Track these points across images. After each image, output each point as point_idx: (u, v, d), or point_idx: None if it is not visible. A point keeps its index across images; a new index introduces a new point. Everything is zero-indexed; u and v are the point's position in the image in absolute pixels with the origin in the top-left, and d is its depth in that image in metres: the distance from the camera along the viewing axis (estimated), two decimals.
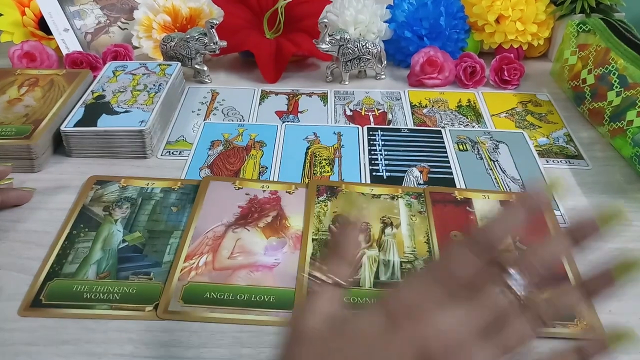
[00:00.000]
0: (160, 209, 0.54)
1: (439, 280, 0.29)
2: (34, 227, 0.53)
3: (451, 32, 0.82)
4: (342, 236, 0.33)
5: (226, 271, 0.48)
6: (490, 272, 0.29)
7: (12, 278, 0.47)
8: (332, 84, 0.80)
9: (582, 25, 0.73)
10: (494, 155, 0.64)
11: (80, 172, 0.60)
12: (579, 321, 0.44)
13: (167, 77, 0.71)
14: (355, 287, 0.46)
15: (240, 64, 0.85)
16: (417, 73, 0.78)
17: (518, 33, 0.81)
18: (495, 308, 0.28)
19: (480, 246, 0.29)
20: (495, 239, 0.29)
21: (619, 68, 0.64)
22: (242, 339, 0.42)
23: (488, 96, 0.77)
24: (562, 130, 0.70)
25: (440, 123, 0.70)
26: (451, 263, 0.30)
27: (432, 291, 0.29)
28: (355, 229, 0.34)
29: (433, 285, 0.29)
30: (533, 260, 0.29)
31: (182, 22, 0.82)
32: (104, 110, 0.64)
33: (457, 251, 0.30)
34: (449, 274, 0.29)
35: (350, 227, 0.34)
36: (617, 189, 0.59)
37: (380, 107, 0.74)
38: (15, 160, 0.58)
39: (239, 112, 0.72)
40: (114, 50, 0.78)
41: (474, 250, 0.29)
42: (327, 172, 0.61)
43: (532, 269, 0.29)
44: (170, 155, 0.64)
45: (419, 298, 0.29)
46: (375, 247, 0.50)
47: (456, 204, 0.55)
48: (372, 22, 0.81)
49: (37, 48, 0.78)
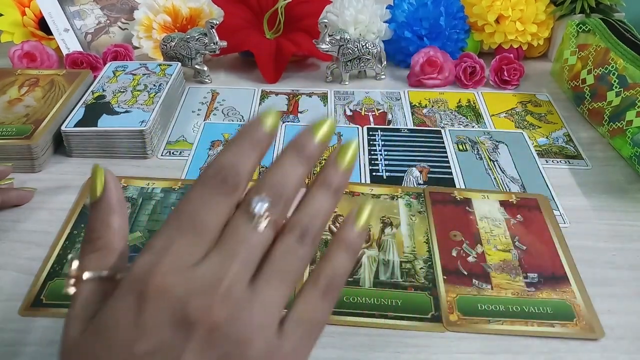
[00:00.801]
0: (160, 209, 0.55)
1: (185, 231, 0.25)
2: (34, 227, 0.53)
3: (451, 32, 0.82)
4: (92, 219, 0.28)
5: None
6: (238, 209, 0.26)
7: (12, 278, 0.47)
8: (332, 84, 0.80)
9: (582, 25, 0.73)
10: (493, 156, 0.64)
11: (81, 172, 0.60)
12: (577, 321, 0.44)
13: (167, 77, 0.71)
14: (355, 287, 0.46)
15: (240, 64, 0.85)
16: (417, 73, 0.78)
17: (518, 33, 0.81)
18: (250, 245, 0.25)
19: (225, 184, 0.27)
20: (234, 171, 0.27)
21: (618, 68, 0.64)
22: None
23: (488, 96, 0.77)
24: (561, 130, 0.70)
25: (440, 123, 0.71)
26: (198, 209, 0.26)
27: (177, 249, 0.25)
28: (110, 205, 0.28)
29: (178, 240, 0.25)
30: (269, 182, 0.28)
31: (182, 22, 0.83)
32: (105, 110, 0.64)
33: (201, 194, 0.26)
34: (197, 222, 0.26)
35: (102, 205, 0.28)
36: (617, 189, 0.59)
37: (380, 107, 0.74)
38: (15, 161, 0.58)
39: (239, 112, 0.72)
40: (114, 51, 0.78)
41: (218, 190, 0.26)
42: None
43: (271, 190, 0.27)
44: (171, 155, 0.64)
45: (164, 260, 0.24)
46: (375, 247, 0.50)
47: (456, 204, 0.56)
48: (372, 22, 0.81)
49: (37, 48, 0.78)
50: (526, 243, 0.51)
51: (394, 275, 0.48)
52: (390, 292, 0.46)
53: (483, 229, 0.53)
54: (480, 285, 0.47)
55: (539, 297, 0.46)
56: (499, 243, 0.51)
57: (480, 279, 0.47)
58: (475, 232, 0.52)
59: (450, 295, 0.46)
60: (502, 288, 0.47)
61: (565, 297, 0.46)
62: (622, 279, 0.48)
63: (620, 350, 0.42)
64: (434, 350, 0.42)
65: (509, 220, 0.54)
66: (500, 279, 0.47)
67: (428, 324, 0.44)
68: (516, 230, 0.52)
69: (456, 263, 0.49)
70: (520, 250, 0.50)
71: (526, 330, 0.43)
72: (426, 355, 0.41)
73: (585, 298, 0.46)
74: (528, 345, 0.42)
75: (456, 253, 0.50)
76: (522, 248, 0.51)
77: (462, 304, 0.45)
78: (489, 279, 0.47)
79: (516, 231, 0.52)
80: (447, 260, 0.49)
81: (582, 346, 0.42)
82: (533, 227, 0.53)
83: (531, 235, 0.52)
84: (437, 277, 0.47)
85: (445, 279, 0.47)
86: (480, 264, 0.49)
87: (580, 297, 0.46)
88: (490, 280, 0.47)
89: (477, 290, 0.46)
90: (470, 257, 0.49)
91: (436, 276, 0.48)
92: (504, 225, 0.53)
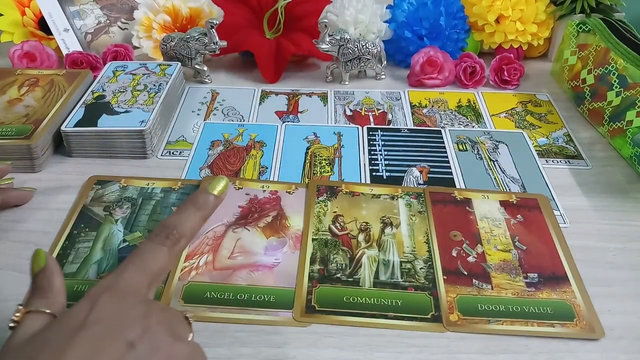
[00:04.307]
0: (160, 209, 0.55)
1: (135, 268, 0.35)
2: (34, 227, 0.53)
3: (451, 32, 0.82)
4: (39, 279, 0.36)
5: (226, 271, 0.48)
6: None
7: (12, 278, 0.47)
8: (332, 84, 0.80)
9: (582, 25, 0.73)
10: (493, 155, 0.64)
11: (81, 172, 0.60)
12: (577, 321, 0.44)
13: (167, 77, 0.71)
14: (355, 287, 0.46)
15: (240, 64, 0.85)
16: (417, 73, 0.78)
17: (518, 33, 0.81)
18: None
19: (169, 238, 0.37)
20: (180, 231, 0.37)
21: (618, 68, 0.64)
22: (242, 339, 0.42)
23: (488, 96, 0.77)
24: (561, 130, 0.70)
25: (440, 123, 0.71)
26: (146, 256, 0.36)
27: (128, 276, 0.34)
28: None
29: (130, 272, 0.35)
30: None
31: (182, 22, 0.83)
32: (104, 110, 0.64)
33: (149, 247, 0.36)
34: (145, 264, 0.35)
35: (46, 271, 0.36)
36: (618, 189, 0.59)
37: (380, 107, 0.74)
38: (15, 160, 0.58)
39: (239, 112, 0.72)
40: (114, 50, 0.78)
41: (164, 242, 0.37)
42: (327, 172, 0.61)
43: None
44: (171, 155, 0.64)
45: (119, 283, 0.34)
46: (375, 246, 0.50)
47: (456, 204, 0.56)
48: (372, 22, 0.81)
49: (37, 48, 0.78)
50: (526, 243, 0.51)
51: (394, 275, 0.48)
52: (390, 292, 0.46)
53: (483, 229, 0.53)
54: (481, 285, 0.47)
55: (539, 297, 0.46)
56: (499, 243, 0.51)
57: (480, 279, 0.47)
58: (475, 232, 0.52)
59: (450, 296, 0.46)
60: (502, 288, 0.47)
61: (565, 297, 0.46)
62: (622, 279, 0.48)
63: (620, 350, 0.42)
64: (434, 351, 0.42)
65: (509, 220, 0.54)
66: (501, 279, 0.47)
67: (428, 324, 0.44)
68: (516, 230, 0.52)
69: (456, 263, 0.49)
70: (521, 250, 0.50)
71: (526, 330, 0.43)
72: (426, 355, 0.41)
73: (585, 298, 0.46)
74: (528, 345, 0.42)
75: (456, 253, 0.50)
76: (522, 248, 0.51)
77: (462, 304, 0.45)
78: (489, 279, 0.47)
79: (516, 231, 0.52)
80: (447, 260, 0.49)
81: (582, 346, 0.42)
82: (533, 227, 0.53)
83: (531, 235, 0.52)
84: (437, 277, 0.47)
85: (445, 279, 0.47)
86: (481, 264, 0.49)
87: (580, 297, 0.46)
88: (490, 280, 0.47)
89: (477, 290, 0.46)
90: (470, 257, 0.49)
91: (436, 276, 0.47)
92: (504, 225, 0.53)
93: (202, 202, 0.40)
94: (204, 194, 0.41)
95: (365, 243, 0.51)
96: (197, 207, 0.40)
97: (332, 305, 0.45)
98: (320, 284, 0.47)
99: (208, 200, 0.40)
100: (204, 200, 0.40)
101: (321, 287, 0.46)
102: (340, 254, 0.50)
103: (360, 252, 0.50)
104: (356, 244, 0.51)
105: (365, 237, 0.51)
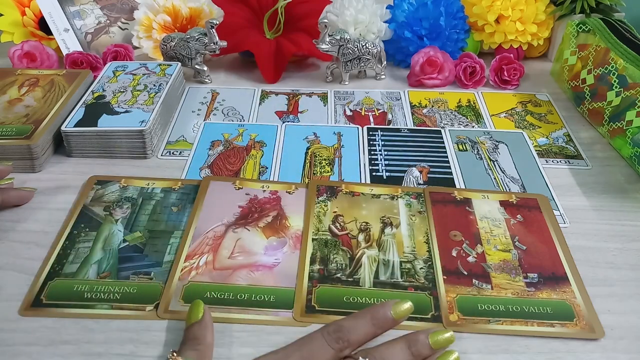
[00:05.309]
0: (160, 209, 0.55)
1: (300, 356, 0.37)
2: (34, 227, 0.53)
3: (451, 32, 0.82)
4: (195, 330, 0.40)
5: (226, 271, 0.48)
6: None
7: (12, 278, 0.47)
8: (332, 84, 0.80)
9: (582, 25, 0.73)
10: (493, 156, 0.64)
11: (81, 172, 0.60)
12: (577, 321, 0.44)
13: (167, 77, 0.71)
14: (355, 287, 0.46)
15: (240, 64, 0.85)
16: (417, 73, 0.78)
17: (518, 33, 0.81)
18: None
19: (338, 343, 0.38)
20: (350, 339, 0.38)
21: (618, 68, 0.64)
22: (242, 339, 0.42)
23: (488, 96, 0.77)
24: (561, 130, 0.70)
25: (440, 123, 0.71)
26: (315, 351, 0.38)
27: None
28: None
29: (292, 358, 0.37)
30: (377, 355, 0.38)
31: (182, 22, 0.83)
32: (105, 110, 0.64)
33: (318, 343, 0.38)
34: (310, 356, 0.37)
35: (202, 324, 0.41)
36: (617, 189, 0.59)
37: (380, 107, 0.74)
38: (15, 161, 0.58)
39: (239, 112, 0.72)
40: (114, 51, 0.78)
41: (333, 345, 0.38)
42: (327, 172, 0.61)
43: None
44: (171, 155, 0.64)
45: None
46: (375, 246, 0.50)
47: (456, 204, 0.56)
48: (372, 22, 0.81)
49: (37, 48, 0.78)
50: (526, 243, 0.51)
51: (394, 275, 0.48)
52: (390, 292, 0.46)
53: (483, 229, 0.53)
54: (480, 285, 0.47)
55: (539, 297, 0.46)
56: (499, 243, 0.51)
57: (480, 279, 0.47)
58: (475, 232, 0.52)
59: (450, 295, 0.46)
60: (502, 288, 0.47)
61: (565, 297, 0.46)
62: (622, 279, 0.48)
63: (620, 350, 0.42)
64: None
65: (509, 220, 0.54)
66: (500, 279, 0.47)
67: (428, 324, 0.44)
68: (516, 230, 0.52)
69: (456, 263, 0.49)
70: (520, 250, 0.50)
71: (526, 330, 0.43)
72: None
73: (585, 298, 0.46)
74: (528, 345, 0.42)
75: (456, 253, 0.50)
76: (522, 248, 0.51)
77: (462, 304, 0.45)
78: (489, 279, 0.47)
79: (516, 231, 0.52)
80: (447, 260, 0.49)
81: (582, 346, 0.42)
82: (533, 227, 0.53)
83: (531, 235, 0.52)
84: (437, 277, 0.47)
85: (445, 279, 0.47)
86: (480, 264, 0.49)
87: (580, 297, 0.46)
88: (490, 280, 0.47)
89: (477, 290, 0.46)
90: (470, 257, 0.49)
91: (436, 276, 0.48)
92: (504, 225, 0.53)
93: (380, 319, 0.40)
94: (385, 310, 0.40)
95: (365, 243, 0.51)
96: (374, 321, 0.40)
97: (332, 305, 0.45)
98: (320, 284, 0.47)
99: (386, 319, 0.40)
100: (383, 317, 0.40)
101: (321, 287, 0.46)
102: (340, 254, 0.50)
103: (360, 252, 0.50)
104: (356, 244, 0.51)
105: (365, 237, 0.51)
